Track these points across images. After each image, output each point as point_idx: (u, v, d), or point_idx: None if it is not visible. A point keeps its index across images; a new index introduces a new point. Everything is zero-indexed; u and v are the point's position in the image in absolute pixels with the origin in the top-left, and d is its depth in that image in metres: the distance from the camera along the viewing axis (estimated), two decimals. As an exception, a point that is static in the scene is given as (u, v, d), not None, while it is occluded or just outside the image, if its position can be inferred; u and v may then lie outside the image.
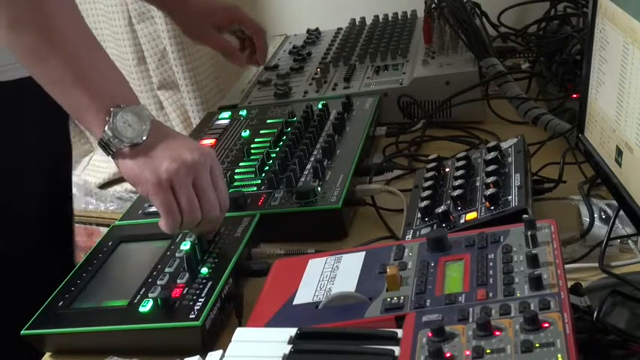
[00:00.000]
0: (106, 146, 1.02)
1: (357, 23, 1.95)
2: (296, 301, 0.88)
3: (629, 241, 1.03)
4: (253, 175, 1.25)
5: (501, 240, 0.87)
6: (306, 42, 1.90)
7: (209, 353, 0.80)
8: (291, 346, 0.77)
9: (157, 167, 1.00)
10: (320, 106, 1.44)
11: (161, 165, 1.00)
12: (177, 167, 1.00)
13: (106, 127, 1.00)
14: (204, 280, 0.98)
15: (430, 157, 1.21)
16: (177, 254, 1.04)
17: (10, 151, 1.32)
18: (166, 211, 1.01)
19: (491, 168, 1.09)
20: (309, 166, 1.24)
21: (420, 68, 1.56)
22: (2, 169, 1.31)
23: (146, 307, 0.95)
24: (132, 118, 1.01)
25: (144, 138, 1.01)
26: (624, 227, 1.03)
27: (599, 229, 1.04)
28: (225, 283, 0.98)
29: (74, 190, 1.66)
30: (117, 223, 1.19)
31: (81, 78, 1.02)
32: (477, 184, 1.08)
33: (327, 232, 1.14)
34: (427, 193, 1.10)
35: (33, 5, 1.01)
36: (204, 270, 1.00)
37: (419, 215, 1.07)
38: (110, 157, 1.04)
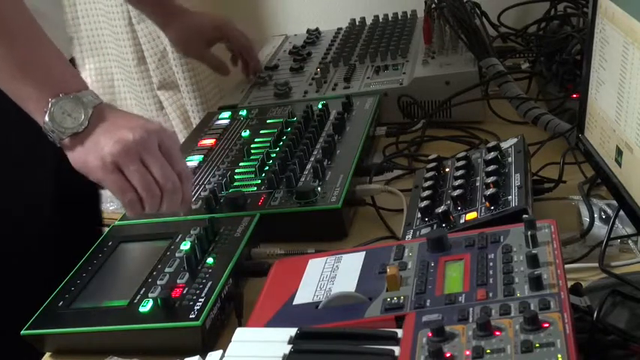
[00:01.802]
0: (49, 137, 1.02)
1: (357, 23, 1.95)
2: (296, 301, 0.88)
3: (629, 241, 1.03)
4: (253, 175, 1.25)
5: (501, 240, 0.87)
6: (306, 42, 1.90)
7: (209, 353, 0.80)
8: (291, 346, 0.77)
9: (101, 152, 1.01)
10: (320, 106, 1.44)
11: (104, 149, 1.01)
12: (120, 148, 1.00)
13: (46, 118, 1.01)
14: (204, 280, 0.98)
15: (430, 157, 1.21)
16: (177, 254, 1.04)
17: (10, 149, 1.32)
18: (119, 192, 1.02)
19: (491, 168, 1.09)
20: (309, 166, 1.24)
21: (420, 68, 1.56)
22: (1, 169, 1.31)
23: (146, 307, 0.95)
24: (71, 106, 1.01)
25: (84, 126, 1.02)
26: (624, 227, 1.03)
27: (599, 229, 1.04)
28: (225, 283, 0.98)
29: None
30: (117, 223, 1.19)
31: (21, 68, 1.02)
32: (477, 184, 1.08)
33: (327, 232, 1.14)
34: (427, 193, 1.10)
35: None
36: (204, 270, 1.00)
37: (419, 215, 1.07)
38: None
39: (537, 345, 0.69)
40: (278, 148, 1.32)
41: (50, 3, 1.35)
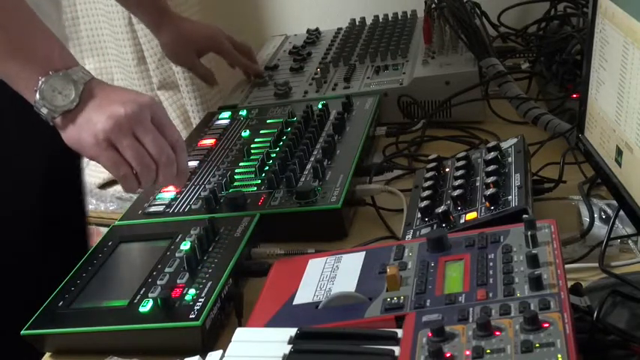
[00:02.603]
0: (42, 116, 1.02)
1: (357, 23, 1.95)
2: (296, 301, 0.88)
3: (629, 241, 1.03)
4: (253, 175, 1.25)
5: (501, 240, 0.87)
6: (306, 42, 1.90)
7: (209, 353, 0.80)
8: (291, 346, 0.77)
9: (93, 129, 1.01)
10: (320, 106, 1.44)
11: (96, 125, 1.00)
12: (113, 123, 1.00)
13: (37, 96, 1.01)
14: (204, 280, 0.98)
15: (430, 157, 1.21)
16: (177, 254, 1.04)
17: (7, 149, 1.31)
18: (114, 168, 1.02)
19: (491, 168, 1.09)
20: (309, 166, 1.24)
21: (420, 68, 1.56)
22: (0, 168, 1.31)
23: (146, 307, 0.95)
24: (61, 84, 1.01)
25: (75, 103, 1.01)
26: (624, 227, 1.03)
27: (599, 229, 1.04)
28: (225, 283, 0.98)
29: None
30: (117, 223, 1.19)
31: (9, 46, 1.01)
32: (477, 184, 1.08)
33: (327, 232, 1.14)
34: (427, 193, 1.10)
35: None
36: (204, 270, 1.00)
37: (419, 215, 1.07)
38: None
39: (537, 345, 0.69)
40: (278, 148, 1.32)
41: (50, 2, 1.35)
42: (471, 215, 1.02)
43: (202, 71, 1.71)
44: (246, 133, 1.41)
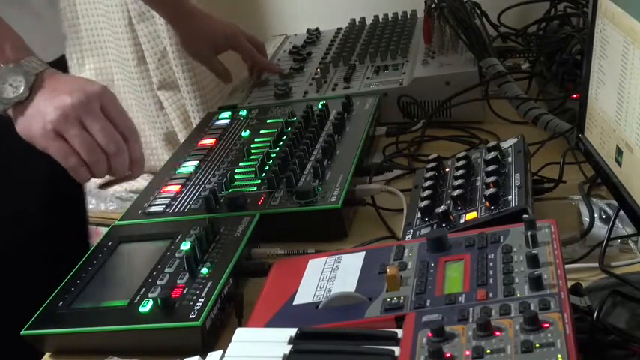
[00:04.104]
0: None
1: (357, 23, 1.95)
2: (296, 301, 0.88)
3: (629, 241, 1.03)
4: (253, 175, 1.25)
5: (501, 240, 0.87)
6: (306, 42, 1.90)
7: (209, 353, 0.80)
8: (291, 346, 0.77)
9: (42, 119, 1.01)
10: (320, 106, 1.44)
11: (45, 116, 1.01)
12: (60, 114, 1.00)
13: None
14: (204, 280, 0.98)
15: (430, 157, 1.21)
16: (177, 254, 1.04)
17: (8, 153, 1.31)
18: (63, 159, 1.02)
19: (491, 168, 1.09)
20: (309, 166, 1.24)
21: (420, 68, 1.56)
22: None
23: (146, 307, 0.95)
24: (12, 75, 1.02)
25: (27, 95, 1.02)
26: (624, 227, 1.03)
27: (599, 229, 1.04)
28: (225, 283, 0.98)
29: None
30: (117, 223, 1.19)
31: None
32: (477, 184, 1.08)
33: (327, 232, 1.14)
34: (427, 193, 1.10)
35: None
36: (204, 270, 1.00)
37: (419, 215, 1.07)
38: None
39: (537, 345, 0.69)
40: (278, 148, 1.32)
41: (48, 3, 1.35)
42: (471, 215, 1.02)
43: (219, 69, 1.71)
44: (246, 133, 1.41)
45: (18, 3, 1.26)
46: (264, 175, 1.24)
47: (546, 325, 0.71)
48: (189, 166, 1.33)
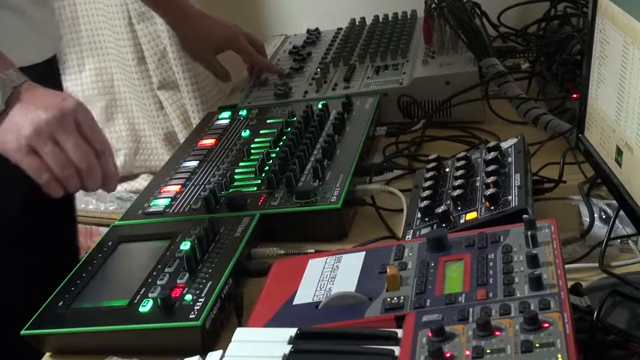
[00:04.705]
0: None
1: (357, 23, 1.95)
2: (296, 301, 0.88)
3: (629, 241, 1.03)
4: (253, 175, 1.25)
5: (501, 240, 0.87)
6: (306, 42, 1.90)
7: (209, 353, 0.80)
8: (291, 346, 0.77)
9: (16, 134, 1.02)
10: (320, 106, 1.44)
11: (19, 131, 1.02)
12: (34, 129, 1.01)
13: None
14: (204, 280, 0.98)
15: (430, 157, 1.21)
16: (177, 254, 1.04)
17: None
18: (35, 174, 1.03)
19: (491, 168, 1.09)
20: (309, 166, 1.24)
21: (420, 68, 1.56)
22: None
23: (146, 307, 0.95)
24: None
25: (2, 108, 1.03)
26: (624, 227, 1.03)
27: (599, 229, 1.04)
28: (225, 283, 0.98)
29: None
30: (117, 223, 1.19)
31: None
32: (477, 184, 1.08)
33: (327, 232, 1.14)
34: (427, 193, 1.10)
35: None
36: (204, 270, 1.00)
37: (419, 215, 1.07)
38: None
39: (537, 345, 0.69)
40: (278, 148, 1.32)
41: (34, 2, 1.35)
42: (471, 215, 1.02)
43: (219, 70, 1.71)
44: (246, 133, 1.41)
45: None
46: (264, 175, 1.24)
47: (546, 325, 0.71)
48: (189, 166, 1.32)
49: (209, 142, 1.41)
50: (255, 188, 1.21)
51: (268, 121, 1.45)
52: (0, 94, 1.03)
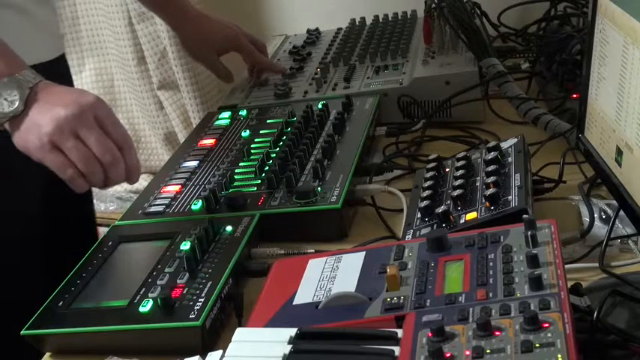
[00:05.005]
0: None
1: (357, 23, 1.95)
2: (296, 301, 0.88)
3: (629, 241, 1.03)
4: (253, 175, 1.25)
5: (501, 240, 0.87)
6: (306, 42, 1.90)
7: (209, 353, 0.80)
8: (291, 346, 0.77)
9: (37, 132, 1.03)
10: (320, 106, 1.44)
11: (40, 129, 1.02)
12: (55, 126, 1.02)
13: None
14: (204, 280, 0.98)
15: (430, 157, 1.21)
16: (177, 254, 1.04)
17: (10, 150, 1.31)
18: (59, 170, 1.04)
19: (491, 168, 1.09)
20: (309, 166, 1.24)
21: (420, 68, 1.56)
22: (1, 169, 1.31)
23: (146, 307, 0.95)
24: (7, 90, 1.03)
25: (21, 109, 1.03)
26: (624, 227, 1.03)
27: (599, 229, 1.04)
28: (225, 283, 0.98)
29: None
30: (117, 223, 1.19)
31: None
32: (477, 184, 1.08)
33: (327, 232, 1.14)
34: (427, 193, 1.10)
35: None
36: (204, 270, 1.00)
37: (419, 215, 1.07)
38: None
39: (537, 345, 0.69)
40: (278, 148, 1.32)
41: (36, 1, 1.35)
42: (471, 215, 1.02)
43: (221, 70, 1.71)
44: (246, 133, 1.41)
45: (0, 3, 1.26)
46: (264, 175, 1.24)
47: (546, 325, 0.71)
48: (189, 166, 1.33)
49: (209, 142, 1.41)
50: (255, 188, 1.21)
51: (268, 121, 1.45)
52: (18, 95, 1.03)
